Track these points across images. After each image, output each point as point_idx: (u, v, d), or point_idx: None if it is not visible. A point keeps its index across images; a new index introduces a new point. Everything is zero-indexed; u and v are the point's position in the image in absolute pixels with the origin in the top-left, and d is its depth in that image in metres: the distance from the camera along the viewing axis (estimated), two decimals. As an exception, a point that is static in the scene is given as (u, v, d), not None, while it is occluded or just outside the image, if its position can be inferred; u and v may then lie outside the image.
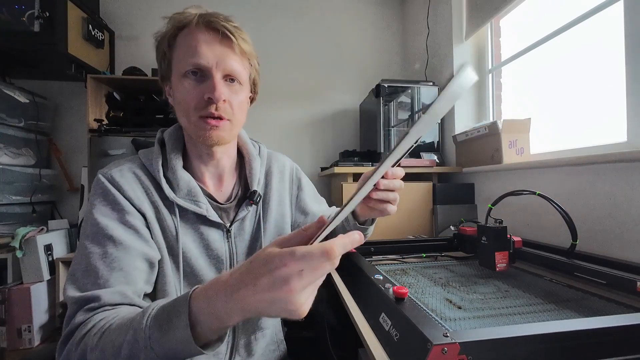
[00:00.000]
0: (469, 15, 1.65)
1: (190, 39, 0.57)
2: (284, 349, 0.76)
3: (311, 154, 2.22)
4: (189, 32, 0.57)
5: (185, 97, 0.57)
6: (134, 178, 0.59)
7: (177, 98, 0.59)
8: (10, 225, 1.68)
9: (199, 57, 0.55)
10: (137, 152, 0.67)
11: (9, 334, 1.54)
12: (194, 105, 0.57)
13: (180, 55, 0.57)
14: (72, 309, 0.48)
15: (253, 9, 2.17)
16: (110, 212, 0.54)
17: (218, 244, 0.64)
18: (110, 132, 1.72)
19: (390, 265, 0.93)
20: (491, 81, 1.63)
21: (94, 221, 0.53)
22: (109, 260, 0.51)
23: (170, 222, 0.59)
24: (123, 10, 2.08)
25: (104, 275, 0.49)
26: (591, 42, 1.13)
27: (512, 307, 0.60)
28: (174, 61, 0.59)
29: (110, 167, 0.59)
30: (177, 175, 0.61)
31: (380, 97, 1.69)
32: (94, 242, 0.52)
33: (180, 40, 0.58)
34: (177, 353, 0.37)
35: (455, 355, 0.37)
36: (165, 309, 0.39)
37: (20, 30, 1.54)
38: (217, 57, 0.57)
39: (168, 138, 0.65)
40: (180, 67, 0.57)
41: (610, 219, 0.88)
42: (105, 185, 0.56)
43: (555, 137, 1.27)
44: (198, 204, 0.61)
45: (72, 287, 0.49)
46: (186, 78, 0.57)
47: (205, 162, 0.66)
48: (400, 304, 0.51)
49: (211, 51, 0.56)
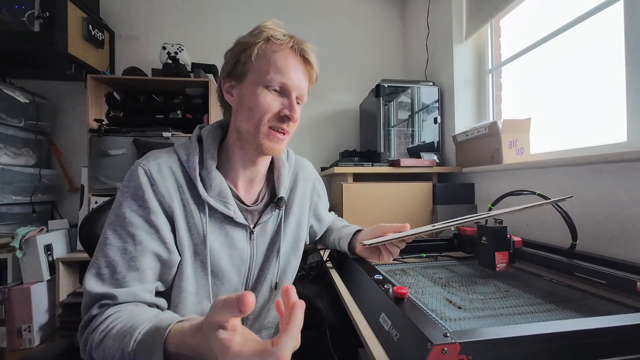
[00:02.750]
0: (469, 15, 1.65)
1: (283, 59, 0.61)
2: (284, 348, 0.76)
3: (311, 154, 2.22)
4: (283, 53, 0.62)
5: (263, 106, 0.61)
6: (170, 173, 0.61)
7: (249, 103, 0.61)
8: (10, 225, 1.68)
9: (288, 78, 0.61)
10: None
11: (9, 334, 1.53)
12: (270, 117, 0.61)
13: (269, 70, 0.61)
14: (89, 300, 0.52)
15: (253, 9, 2.18)
16: (137, 208, 0.56)
17: (242, 244, 0.66)
18: (110, 132, 1.72)
19: (390, 265, 0.93)
20: (491, 81, 1.63)
21: (120, 213, 0.56)
22: (127, 257, 0.54)
23: (198, 220, 0.61)
24: (123, 10, 2.08)
25: (121, 272, 0.53)
26: (591, 42, 1.13)
27: (512, 307, 0.60)
28: (257, 70, 0.61)
29: (149, 159, 0.61)
30: (211, 175, 0.62)
31: (380, 97, 1.69)
32: (116, 234, 0.55)
33: (269, 54, 0.61)
34: None
35: (455, 355, 0.37)
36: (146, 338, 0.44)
37: (20, 30, 1.54)
38: (299, 82, 0.63)
39: (206, 136, 0.66)
40: (266, 79, 0.60)
41: (610, 219, 0.88)
42: (140, 179, 0.58)
43: (555, 137, 1.27)
44: (227, 205, 0.63)
45: (93, 279, 0.53)
46: (268, 91, 0.61)
47: (246, 166, 0.67)
48: (400, 304, 0.51)
49: (296, 75, 0.63)
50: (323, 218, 0.90)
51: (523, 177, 1.19)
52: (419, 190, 1.38)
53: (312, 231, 0.89)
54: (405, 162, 1.51)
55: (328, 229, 0.94)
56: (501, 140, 1.25)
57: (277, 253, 0.70)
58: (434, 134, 1.77)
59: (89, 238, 0.70)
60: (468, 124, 1.66)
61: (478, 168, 1.38)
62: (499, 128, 1.25)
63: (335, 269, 0.94)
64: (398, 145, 1.79)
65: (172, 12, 2.12)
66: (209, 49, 2.10)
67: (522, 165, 1.17)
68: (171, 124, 1.85)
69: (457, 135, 1.53)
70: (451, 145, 1.66)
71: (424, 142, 1.77)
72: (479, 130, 1.35)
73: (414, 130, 1.81)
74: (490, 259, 0.79)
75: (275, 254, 0.70)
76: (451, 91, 1.70)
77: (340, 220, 0.98)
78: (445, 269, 0.88)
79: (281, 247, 0.70)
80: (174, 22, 2.12)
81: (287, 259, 0.73)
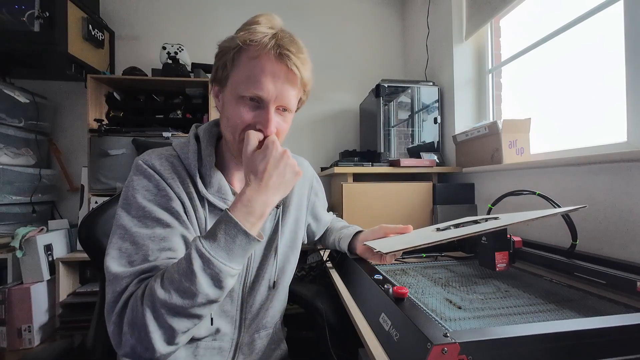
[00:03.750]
0: (469, 15, 1.65)
1: (256, 67, 0.56)
2: (284, 348, 0.76)
3: (311, 154, 2.22)
4: (257, 60, 0.56)
5: (236, 119, 0.58)
6: (173, 168, 0.60)
7: (226, 112, 0.60)
8: (10, 225, 1.68)
9: (261, 89, 0.56)
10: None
11: (9, 334, 1.53)
12: (244, 128, 0.58)
13: (242, 78, 0.56)
14: (123, 282, 0.49)
15: (253, 9, 2.17)
16: (153, 198, 0.56)
17: None
18: (110, 132, 1.72)
19: (390, 265, 0.93)
20: (491, 81, 1.63)
21: (138, 205, 0.55)
22: (157, 239, 0.53)
23: (201, 215, 0.62)
24: (123, 10, 2.08)
25: (154, 253, 0.52)
26: (591, 42, 1.13)
27: (512, 307, 0.60)
28: (233, 78, 0.58)
29: (150, 155, 0.61)
30: (210, 172, 0.63)
31: (380, 97, 1.69)
32: (140, 224, 0.53)
33: (245, 61, 0.57)
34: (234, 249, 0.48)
35: (455, 355, 0.37)
36: (210, 230, 0.50)
37: (20, 30, 1.54)
38: (278, 91, 0.57)
39: (203, 134, 0.66)
40: (239, 89, 0.57)
41: (610, 219, 0.88)
42: (148, 171, 0.57)
43: (555, 137, 1.27)
44: (226, 202, 0.63)
45: (119, 263, 0.50)
46: (242, 101, 0.57)
47: (239, 164, 0.67)
48: (400, 304, 0.51)
49: (274, 85, 0.56)
50: (321, 218, 0.90)
51: (523, 177, 1.19)
52: (419, 190, 1.38)
53: (310, 231, 0.89)
54: (405, 162, 1.51)
55: (327, 230, 0.94)
56: (501, 140, 1.25)
57: (275, 252, 0.70)
58: (434, 134, 1.77)
59: (89, 238, 0.69)
60: (468, 124, 1.66)
61: (478, 168, 1.38)
62: (499, 128, 1.25)
63: (335, 269, 0.94)
64: (398, 145, 1.79)
65: (172, 12, 2.12)
66: (209, 49, 2.09)
67: (522, 165, 1.17)
68: (171, 124, 1.85)
69: (457, 135, 1.53)
70: (451, 145, 1.66)
71: (424, 142, 1.77)
72: (479, 130, 1.35)
73: (414, 130, 1.81)
74: (490, 259, 0.79)
75: (272, 253, 0.70)
76: (451, 91, 1.70)
77: (339, 220, 0.98)
78: (445, 269, 0.88)
79: (279, 246, 0.70)
80: (174, 22, 2.12)
81: (285, 258, 0.73)
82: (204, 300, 0.46)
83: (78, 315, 1.59)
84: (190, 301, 0.45)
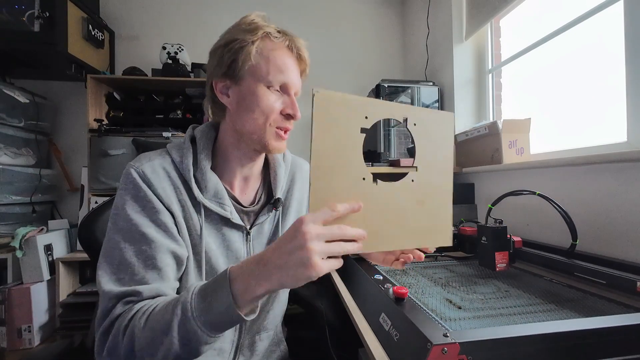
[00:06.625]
0: (469, 15, 1.65)
1: (281, 58, 0.61)
2: (284, 348, 0.76)
3: (311, 154, 2.22)
4: (282, 53, 0.61)
5: (267, 107, 0.60)
6: (165, 175, 0.59)
7: (250, 104, 0.60)
8: (10, 225, 1.68)
9: (289, 78, 0.61)
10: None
11: (9, 334, 1.54)
12: (275, 117, 0.61)
13: (269, 69, 0.60)
14: (110, 302, 0.50)
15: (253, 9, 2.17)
16: (141, 210, 0.55)
17: (238, 245, 0.65)
18: (110, 132, 1.72)
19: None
20: (491, 81, 1.63)
21: (126, 217, 0.54)
22: (143, 257, 0.53)
23: (195, 221, 0.61)
24: (123, 10, 2.08)
25: (140, 273, 0.52)
26: (591, 42, 1.13)
27: (512, 307, 0.60)
28: (257, 69, 0.60)
29: (142, 161, 0.59)
30: (206, 176, 0.61)
31: (380, 97, 1.69)
32: (127, 238, 0.53)
33: (267, 53, 0.60)
34: (220, 320, 0.44)
35: (455, 355, 0.37)
36: (208, 285, 0.46)
37: (20, 30, 1.54)
38: (297, 80, 0.64)
39: (200, 137, 0.65)
40: (267, 79, 0.59)
41: (610, 219, 0.88)
42: (137, 181, 0.56)
43: (555, 137, 1.27)
44: (223, 206, 0.62)
45: (109, 281, 0.51)
46: (270, 90, 0.60)
47: (243, 164, 0.66)
48: (400, 304, 0.51)
49: (295, 75, 0.63)
50: None
51: (523, 177, 1.19)
52: (419, 190, 1.37)
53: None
54: (405, 162, 1.50)
55: None
56: (501, 140, 1.24)
57: None
58: (434, 134, 1.77)
59: (89, 238, 0.70)
60: (468, 124, 1.66)
61: (478, 168, 1.38)
62: (499, 128, 1.24)
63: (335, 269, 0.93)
64: (398, 145, 1.79)
65: (172, 12, 2.12)
66: (209, 49, 2.10)
67: (522, 165, 1.17)
68: (171, 124, 1.85)
69: (457, 135, 1.53)
70: (451, 145, 1.65)
71: (424, 142, 1.77)
72: (479, 130, 1.35)
73: (414, 130, 1.80)
74: (490, 259, 0.79)
75: None
76: (451, 91, 1.70)
77: None
78: (445, 269, 0.88)
79: None
80: (174, 22, 2.12)
81: None
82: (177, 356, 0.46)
83: (78, 315, 1.59)
84: (165, 353, 0.45)
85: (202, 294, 0.45)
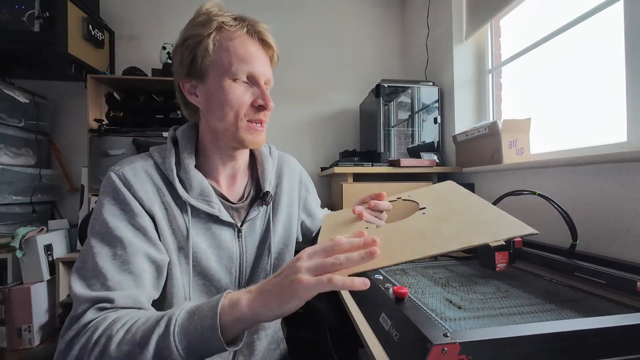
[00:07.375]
0: (469, 15, 1.65)
1: (243, 47, 0.58)
2: (284, 348, 0.76)
3: (311, 154, 2.22)
4: (241, 41, 0.58)
5: (235, 101, 0.58)
6: (147, 177, 0.58)
7: (219, 101, 0.58)
8: (10, 225, 1.68)
9: (255, 67, 0.58)
10: (137, 150, 0.66)
11: (9, 334, 1.54)
12: (246, 110, 0.59)
13: (232, 61, 0.57)
14: (80, 307, 0.47)
15: (253, 9, 2.17)
16: (119, 213, 0.54)
17: (229, 244, 0.64)
18: (110, 132, 1.72)
19: (390, 265, 0.93)
20: (491, 81, 1.63)
21: (103, 220, 0.53)
22: (118, 262, 0.50)
23: (181, 222, 0.59)
24: (123, 10, 2.08)
25: (113, 278, 0.49)
26: (591, 42, 1.13)
27: (512, 307, 0.60)
28: (218, 64, 0.58)
29: (123, 164, 0.58)
30: (190, 175, 0.60)
31: (380, 97, 1.69)
32: (102, 242, 0.51)
33: (227, 44, 0.58)
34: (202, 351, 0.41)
35: (455, 355, 0.37)
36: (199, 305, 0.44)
37: (20, 30, 1.54)
38: (263, 67, 0.60)
39: (181, 136, 0.64)
40: (231, 72, 0.57)
41: (610, 219, 0.88)
42: (116, 184, 0.55)
43: (555, 137, 1.27)
44: (210, 204, 0.61)
45: (81, 285, 0.48)
46: (237, 83, 0.58)
47: (225, 162, 0.65)
48: (400, 304, 0.51)
49: (261, 62, 0.60)
50: (315, 214, 0.86)
51: (523, 177, 1.19)
52: (419, 190, 1.38)
53: (305, 228, 0.85)
54: (405, 162, 1.51)
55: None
56: (501, 140, 1.25)
57: (269, 250, 0.68)
58: (434, 134, 1.77)
59: (89, 238, 0.69)
60: (468, 124, 1.66)
61: (478, 168, 1.38)
62: (499, 128, 1.25)
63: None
64: (398, 145, 1.79)
65: (172, 12, 2.12)
66: (209, 49, 2.10)
67: (522, 165, 1.17)
68: (171, 124, 1.84)
69: (457, 135, 1.53)
70: (451, 145, 1.66)
71: (424, 142, 1.77)
72: (479, 130, 1.35)
73: (414, 130, 1.81)
74: (490, 259, 0.79)
75: (266, 251, 0.68)
76: (451, 91, 1.70)
77: None
78: (445, 268, 0.88)
79: (272, 244, 0.69)
80: (174, 22, 2.11)
81: (280, 256, 0.71)
82: None
83: (78, 315, 1.59)
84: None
85: (190, 311, 0.43)
